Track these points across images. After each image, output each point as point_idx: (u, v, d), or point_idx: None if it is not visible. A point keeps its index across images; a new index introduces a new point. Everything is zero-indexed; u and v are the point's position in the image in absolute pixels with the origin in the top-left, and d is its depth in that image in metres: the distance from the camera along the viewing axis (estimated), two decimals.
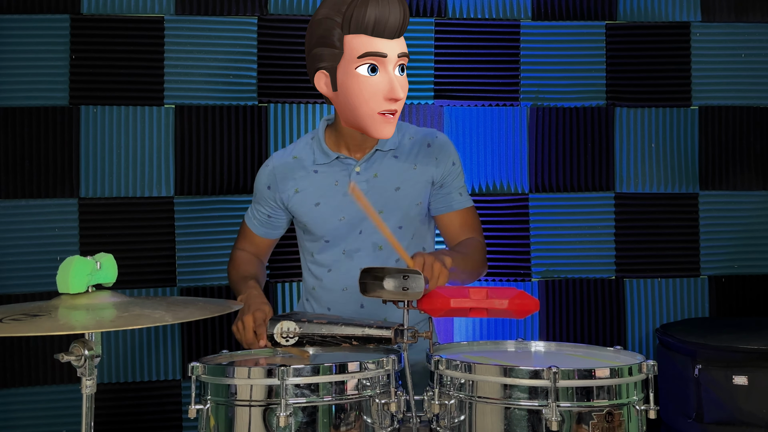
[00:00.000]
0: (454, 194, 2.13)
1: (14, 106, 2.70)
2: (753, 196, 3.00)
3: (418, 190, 2.08)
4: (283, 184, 2.09)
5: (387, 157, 2.08)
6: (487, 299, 1.60)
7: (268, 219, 2.16)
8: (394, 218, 2.05)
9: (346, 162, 2.06)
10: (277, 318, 1.77)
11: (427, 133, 2.15)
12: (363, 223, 2.04)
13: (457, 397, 1.54)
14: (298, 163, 2.10)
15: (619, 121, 2.97)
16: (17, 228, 2.69)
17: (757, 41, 3.00)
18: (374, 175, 2.06)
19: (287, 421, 1.46)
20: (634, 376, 1.51)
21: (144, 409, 2.76)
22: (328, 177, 2.07)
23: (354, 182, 2.02)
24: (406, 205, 2.07)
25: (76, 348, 1.41)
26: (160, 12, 2.77)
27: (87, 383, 1.42)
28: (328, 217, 2.05)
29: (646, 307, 2.96)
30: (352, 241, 2.06)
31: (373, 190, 2.04)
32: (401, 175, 2.07)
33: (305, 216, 2.08)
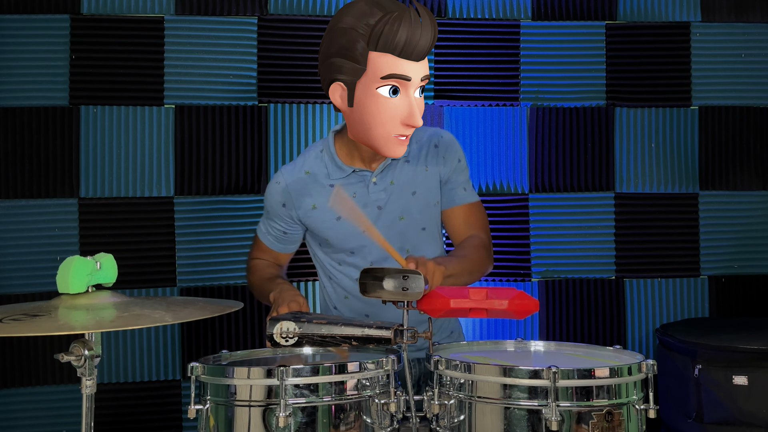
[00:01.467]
0: (458, 189, 2.11)
1: (14, 106, 2.70)
2: (753, 196, 3.00)
3: (433, 191, 2.07)
4: (299, 201, 2.03)
5: (400, 163, 2.05)
6: (486, 300, 1.60)
7: (284, 235, 2.10)
8: (417, 221, 2.04)
9: (361, 174, 2.02)
10: (277, 318, 1.77)
11: (432, 133, 2.12)
12: (386, 231, 1.98)
13: (456, 397, 1.54)
14: (312, 179, 2.04)
15: (619, 121, 2.97)
16: (17, 228, 2.70)
17: (757, 41, 3.00)
18: (391, 183, 2.03)
19: (287, 421, 1.46)
20: (634, 376, 1.51)
21: (144, 409, 2.76)
22: (345, 190, 1.99)
23: (338, 185, 1.97)
24: (425, 207, 2.05)
25: (76, 348, 1.41)
26: (160, 12, 2.77)
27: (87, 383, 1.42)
28: (350, 230, 2.01)
29: (646, 307, 2.96)
30: (379, 251, 2.01)
31: (391, 197, 2.02)
32: (416, 179, 2.05)
33: (327, 231, 2.03)
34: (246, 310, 2.80)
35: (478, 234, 2.10)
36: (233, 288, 2.78)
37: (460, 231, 2.11)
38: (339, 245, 2.05)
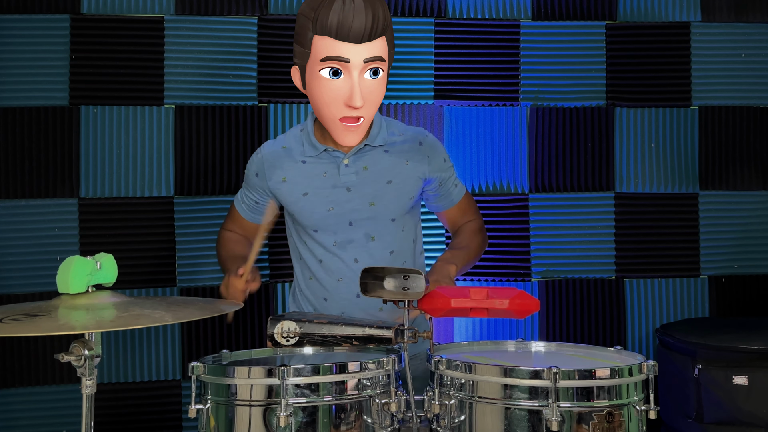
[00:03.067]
0: (452, 189, 2.20)
1: (14, 106, 2.70)
2: (753, 196, 3.00)
3: (411, 186, 2.11)
4: (270, 172, 2.11)
5: (377, 151, 2.10)
6: (487, 299, 1.60)
7: (255, 205, 2.18)
8: (388, 211, 2.08)
9: (334, 154, 2.08)
10: (277, 318, 1.77)
11: (417, 131, 2.19)
12: (353, 214, 2.06)
13: (457, 397, 1.54)
14: (286, 153, 2.12)
15: (619, 121, 2.97)
16: (17, 228, 2.69)
17: (757, 41, 3.00)
18: (364, 168, 2.07)
19: (287, 420, 1.46)
20: (635, 377, 1.51)
21: (144, 409, 2.76)
22: (316, 168, 2.08)
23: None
24: (397, 198, 2.09)
25: (76, 348, 1.41)
26: (160, 12, 2.77)
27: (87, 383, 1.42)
28: (316, 207, 2.07)
29: (646, 307, 2.96)
30: (343, 233, 2.07)
31: (363, 182, 2.06)
32: (393, 170, 2.09)
33: (293, 205, 2.09)
34: (246, 310, 2.79)
35: (473, 218, 2.26)
36: None
37: (457, 222, 2.26)
38: (304, 221, 2.09)
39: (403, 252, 2.13)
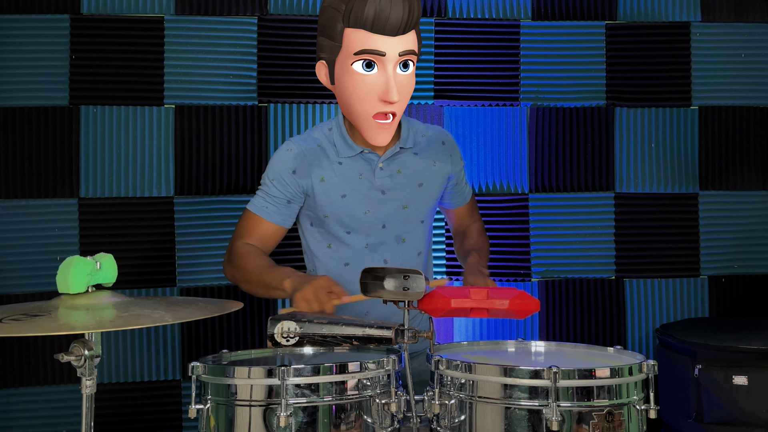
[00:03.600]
0: (464, 187, 2.24)
1: (14, 106, 2.70)
2: (753, 196, 3.00)
3: (438, 186, 2.13)
4: (309, 170, 2.01)
5: (408, 153, 2.08)
6: (487, 299, 1.60)
7: (287, 204, 2.04)
8: (419, 213, 2.08)
9: (368, 157, 2.04)
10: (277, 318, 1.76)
11: (437, 131, 2.18)
12: (387, 217, 2.05)
13: (457, 397, 1.54)
14: (322, 152, 2.04)
15: (619, 121, 2.97)
16: (17, 228, 2.69)
17: (757, 41, 3.00)
18: (398, 171, 2.06)
19: (287, 421, 1.46)
20: (635, 376, 1.51)
21: (144, 409, 2.76)
22: (352, 170, 2.03)
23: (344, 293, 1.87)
24: (428, 200, 2.11)
25: (76, 348, 1.41)
26: (160, 12, 2.77)
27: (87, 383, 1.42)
28: (354, 210, 2.03)
29: (646, 307, 2.96)
30: (376, 235, 2.06)
31: (397, 185, 2.05)
32: (424, 172, 2.09)
33: (330, 207, 2.02)
34: (246, 310, 2.80)
35: (477, 219, 2.30)
36: (233, 288, 2.78)
37: (464, 221, 2.28)
38: (338, 222, 2.04)
39: (426, 252, 2.16)
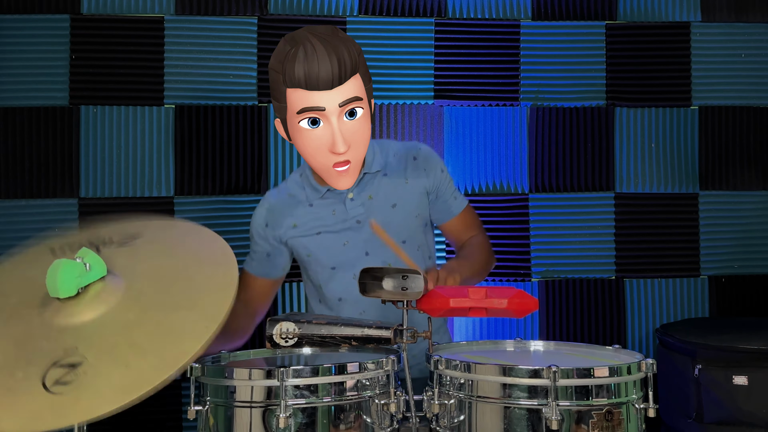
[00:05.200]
0: (450, 201, 2.15)
1: (14, 106, 2.70)
2: (753, 196, 3.00)
3: (415, 203, 2.08)
4: (280, 220, 2.07)
5: (377, 177, 2.06)
6: (486, 299, 1.60)
7: (267, 258, 2.12)
8: (397, 234, 2.05)
9: (336, 193, 2.05)
10: (276, 319, 1.76)
11: (410, 147, 2.13)
12: (368, 244, 2.04)
13: (456, 396, 1.54)
14: (293, 200, 2.09)
15: (619, 121, 2.97)
16: (17, 228, 2.69)
17: (757, 41, 3.00)
18: (369, 197, 2.05)
19: (287, 422, 1.46)
20: (633, 375, 1.51)
21: (144, 409, 2.75)
22: (324, 208, 2.06)
23: (373, 220, 1.98)
24: (405, 220, 2.07)
25: None
26: (160, 12, 2.77)
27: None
28: (331, 244, 2.04)
29: (646, 307, 2.96)
30: (361, 264, 2.00)
31: (370, 211, 2.04)
32: (395, 192, 2.07)
33: (308, 247, 2.06)
34: None
35: (477, 234, 2.18)
36: None
37: (460, 236, 2.19)
38: (321, 260, 2.06)
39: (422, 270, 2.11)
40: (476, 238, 2.16)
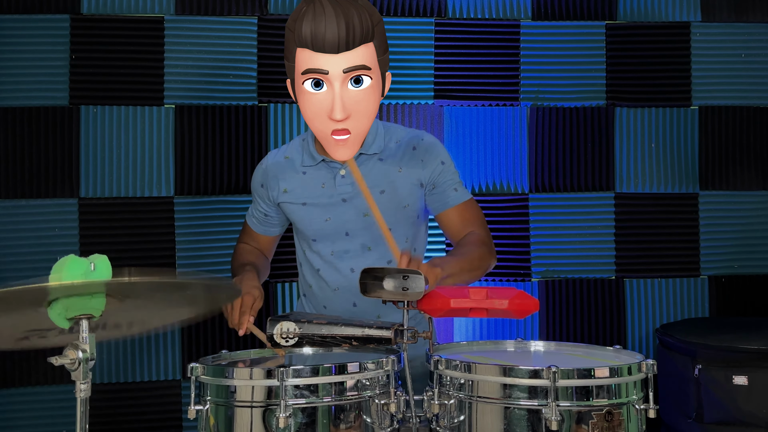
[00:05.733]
0: (449, 191, 2.08)
1: (14, 106, 2.70)
2: (753, 196, 3.00)
3: (405, 193, 2.05)
4: (274, 182, 2.10)
5: (372, 160, 2.05)
6: (486, 299, 1.60)
7: (265, 217, 2.17)
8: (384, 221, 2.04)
9: (331, 165, 2.04)
10: (276, 318, 1.77)
11: (414, 135, 2.10)
12: (349, 224, 2.04)
13: (456, 396, 1.54)
14: (288, 164, 2.10)
15: (619, 121, 2.97)
16: (17, 228, 2.69)
17: (757, 41, 3.00)
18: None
19: (287, 422, 1.46)
20: (634, 376, 1.51)
21: (144, 409, 2.76)
22: (314, 179, 2.06)
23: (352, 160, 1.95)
24: (392, 208, 2.02)
25: (69, 351, 1.39)
26: (160, 12, 2.77)
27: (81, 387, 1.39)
28: (314, 218, 2.05)
29: (646, 307, 2.96)
30: (340, 243, 2.05)
31: (358, 192, 2.00)
32: (386, 178, 2.04)
33: (293, 215, 2.09)
34: None
35: (476, 230, 2.09)
36: None
37: (457, 230, 2.10)
38: (304, 230, 2.08)
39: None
40: (473, 236, 2.07)
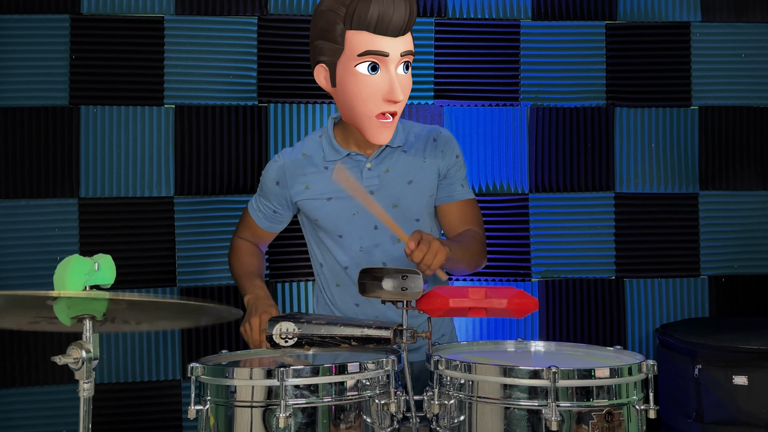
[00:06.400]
0: (456, 185, 2.13)
1: (14, 106, 2.70)
2: (753, 196, 3.00)
3: (430, 183, 2.09)
4: (292, 180, 2.08)
5: (397, 152, 2.07)
6: (486, 299, 1.60)
7: (273, 214, 2.15)
8: (411, 211, 2.05)
9: (356, 158, 2.05)
10: (276, 319, 1.76)
11: (431, 129, 2.16)
12: (378, 218, 2.03)
13: (456, 397, 1.54)
14: (308, 160, 2.09)
15: (619, 121, 2.97)
16: (17, 228, 2.69)
17: (757, 41, 3.00)
18: (386, 170, 2.05)
19: (287, 422, 1.46)
20: (634, 376, 1.51)
21: (144, 409, 2.76)
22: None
23: (340, 163, 2.00)
24: (420, 198, 2.07)
25: (73, 350, 1.39)
26: (160, 12, 2.77)
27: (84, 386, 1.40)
28: (341, 212, 2.04)
29: (646, 307, 2.96)
30: (369, 237, 2.04)
31: (386, 185, 2.04)
32: (412, 169, 2.07)
33: (317, 211, 2.06)
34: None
35: (474, 229, 2.12)
36: (233, 288, 2.78)
37: (454, 226, 2.13)
38: (329, 226, 2.06)
39: None
40: (473, 232, 2.11)
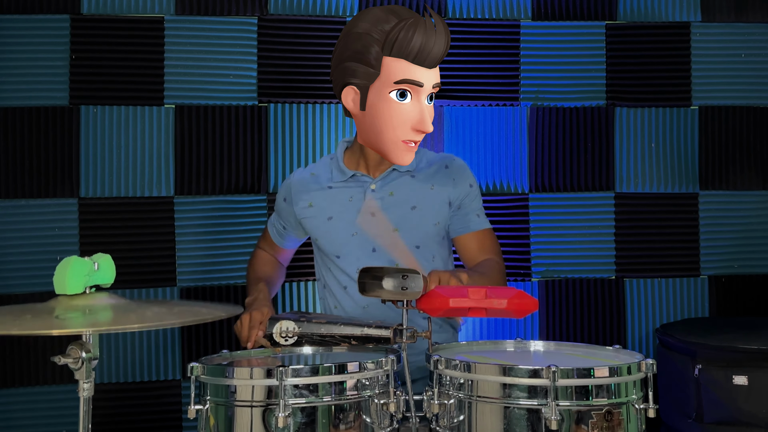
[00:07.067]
0: (472, 216, 2.12)
1: (14, 106, 2.70)
2: (753, 196, 3.00)
3: (436, 210, 2.08)
4: (297, 198, 2.12)
5: (404, 176, 2.08)
6: (485, 299, 1.60)
7: (283, 230, 2.23)
8: (411, 237, 2.05)
9: (362, 180, 2.06)
10: (276, 317, 1.77)
11: (444, 156, 2.17)
12: (376, 240, 2.04)
13: (456, 396, 1.54)
14: (314, 180, 2.14)
15: (619, 121, 2.97)
16: (17, 228, 2.70)
17: (757, 41, 3.00)
18: (390, 194, 2.05)
19: (286, 421, 1.46)
20: (633, 375, 1.51)
21: (144, 409, 2.76)
22: (342, 193, 2.07)
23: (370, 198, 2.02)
24: (423, 224, 2.06)
25: (73, 350, 1.39)
26: (160, 12, 2.77)
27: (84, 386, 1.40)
28: (340, 232, 2.05)
29: (646, 307, 2.96)
30: (367, 259, 2.04)
31: (388, 207, 2.04)
32: (418, 194, 2.07)
33: (317, 230, 2.08)
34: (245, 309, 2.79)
35: (494, 258, 2.12)
36: (233, 288, 2.78)
37: (473, 256, 2.12)
38: (327, 246, 2.08)
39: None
40: (492, 262, 2.10)
